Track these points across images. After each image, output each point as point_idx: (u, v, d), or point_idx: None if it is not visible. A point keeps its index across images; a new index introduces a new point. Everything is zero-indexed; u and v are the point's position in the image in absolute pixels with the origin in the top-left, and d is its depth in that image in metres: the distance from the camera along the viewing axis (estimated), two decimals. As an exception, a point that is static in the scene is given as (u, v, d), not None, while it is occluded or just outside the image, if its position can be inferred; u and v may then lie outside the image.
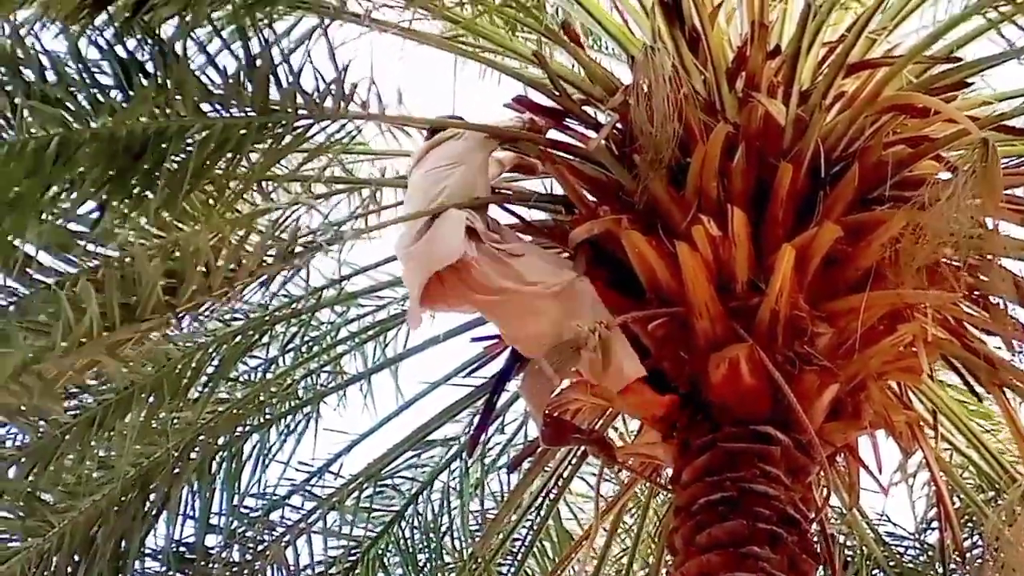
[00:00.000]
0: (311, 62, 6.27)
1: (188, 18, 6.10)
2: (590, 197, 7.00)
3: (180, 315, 5.99)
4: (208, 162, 5.99)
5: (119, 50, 5.92)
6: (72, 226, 6.01)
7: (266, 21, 6.35)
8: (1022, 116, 7.12)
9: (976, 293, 6.98)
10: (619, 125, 6.87)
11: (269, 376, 8.42)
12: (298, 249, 6.32)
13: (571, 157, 7.07)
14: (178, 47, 6.02)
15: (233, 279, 6.08)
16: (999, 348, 7.17)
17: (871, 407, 7.05)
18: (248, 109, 6.16)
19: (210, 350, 7.83)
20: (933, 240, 6.21)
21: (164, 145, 5.89)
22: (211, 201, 6.05)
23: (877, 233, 6.58)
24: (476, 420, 8.22)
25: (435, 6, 6.96)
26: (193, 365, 7.69)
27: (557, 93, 7.09)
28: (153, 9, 5.91)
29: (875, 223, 6.61)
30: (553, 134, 7.25)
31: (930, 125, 6.90)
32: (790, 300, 6.59)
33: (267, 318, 8.15)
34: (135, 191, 5.89)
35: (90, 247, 6.03)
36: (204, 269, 5.98)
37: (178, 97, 5.97)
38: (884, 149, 6.76)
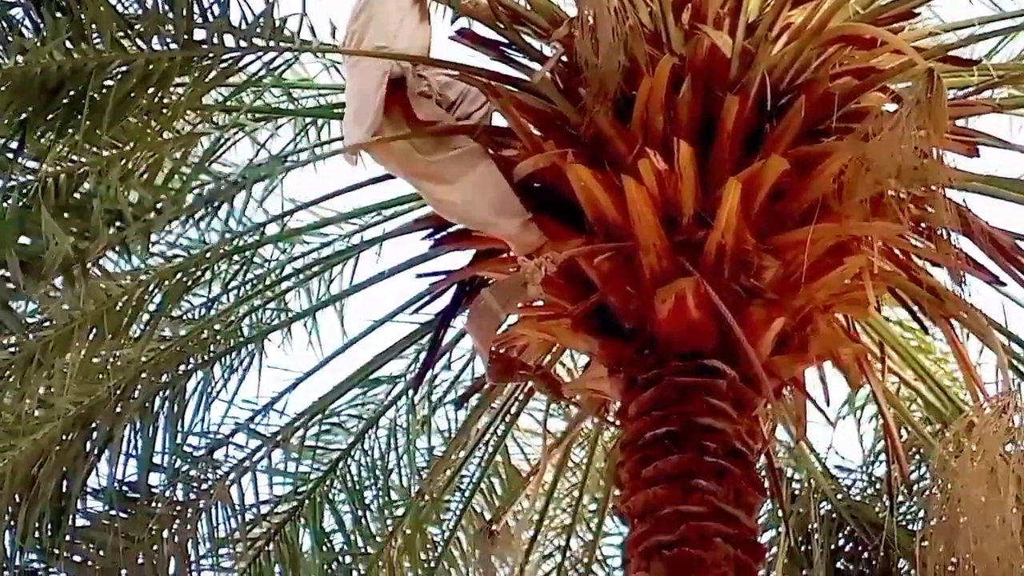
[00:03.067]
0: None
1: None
2: (535, 131, 6.92)
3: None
4: (131, 95, 5.86)
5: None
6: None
7: None
8: (968, 47, 7.12)
9: (922, 225, 6.97)
10: (564, 58, 6.80)
11: (212, 314, 8.33)
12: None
13: (515, 90, 6.99)
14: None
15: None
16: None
17: (818, 340, 7.05)
18: (171, 43, 6.02)
19: (151, 287, 7.73)
20: (878, 172, 6.19)
21: (82, 82, 5.75)
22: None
23: (823, 165, 6.54)
24: (422, 357, 8.21)
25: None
26: (134, 303, 7.60)
27: (500, 24, 6.99)
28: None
29: (822, 155, 6.58)
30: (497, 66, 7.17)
31: (877, 56, 6.87)
32: (737, 233, 6.55)
33: (208, 255, 8.04)
34: (54, 127, 5.75)
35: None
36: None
37: (96, 33, 5.82)
38: (831, 81, 6.74)
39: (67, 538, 7.91)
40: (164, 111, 6.28)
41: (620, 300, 6.81)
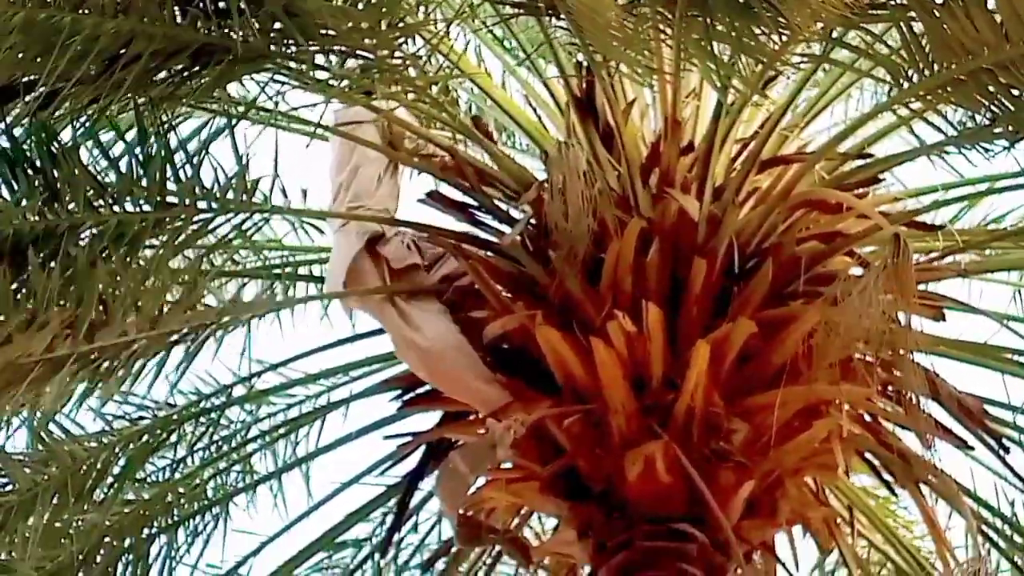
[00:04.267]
0: (212, 157, 6.19)
1: (89, 118, 6.01)
2: (504, 293, 6.94)
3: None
4: (102, 256, 5.86)
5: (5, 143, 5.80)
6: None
7: (170, 122, 6.27)
8: (933, 211, 7.21)
9: (890, 389, 6.98)
10: (533, 220, 6.85)
11: (177, 477, 8.23)
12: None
13: (484, 252, 7.03)
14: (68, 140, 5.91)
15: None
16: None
17: (787, 504, 7.02)
18: (144, 204, 6.05)
19: (116, 450, 7.64)
20: (846, 336, 6.22)
21: (54, 243, 5.76)
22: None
23: (791, 329, 6.57)
24: (389, 520, 8.12)
25: (351, 99, 6.89)
26: (99, 466, 7.50)
27: (469, 186, 7.06)
28: (50, 107, 5.80)
29: (789, 319, 6.61)
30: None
31: (843, 221, 6.94)
32: (705, 396, 6.56)
33: (175, 417, 7.98)
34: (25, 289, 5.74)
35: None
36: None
37: (69, 194, 5.85)
38: (797, 245, 6.78)
39: None
40: (135, 272, 6.27)
41: (589, 463, 6.78)
